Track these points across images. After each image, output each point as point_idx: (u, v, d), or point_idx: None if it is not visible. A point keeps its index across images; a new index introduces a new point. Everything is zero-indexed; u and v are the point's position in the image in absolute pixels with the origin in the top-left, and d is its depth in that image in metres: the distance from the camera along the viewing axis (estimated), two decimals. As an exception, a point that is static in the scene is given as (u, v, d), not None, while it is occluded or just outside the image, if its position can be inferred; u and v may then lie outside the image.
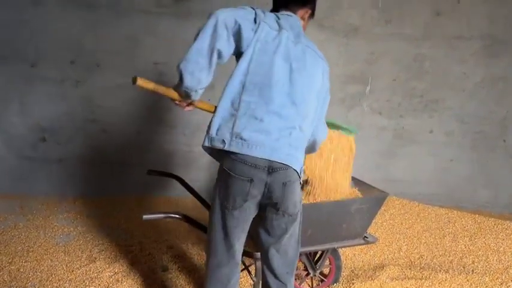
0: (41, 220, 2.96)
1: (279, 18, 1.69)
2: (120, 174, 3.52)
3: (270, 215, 1.65)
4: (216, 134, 1.60)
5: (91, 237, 2.77)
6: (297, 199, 1.66)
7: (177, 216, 1.99)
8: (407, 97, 3.78)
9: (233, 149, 1.57)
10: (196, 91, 1.62)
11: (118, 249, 2.63)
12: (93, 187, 3.47)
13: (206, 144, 1.62)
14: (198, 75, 1.56)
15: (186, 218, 2.02)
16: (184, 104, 1.70)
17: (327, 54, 3.55)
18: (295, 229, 1.71)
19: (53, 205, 3.22)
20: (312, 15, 1.89)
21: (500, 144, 3.94)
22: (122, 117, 3.44)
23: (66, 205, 3.25)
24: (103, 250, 2.62)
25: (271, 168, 1.58)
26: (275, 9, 1.83)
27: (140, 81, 1.57)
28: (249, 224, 1.69)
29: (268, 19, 1.64)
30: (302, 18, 1.83)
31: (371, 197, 2.08)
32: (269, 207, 1.64)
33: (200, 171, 3.58)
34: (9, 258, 2.43)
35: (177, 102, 1.69)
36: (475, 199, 3.99)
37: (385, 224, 3.21)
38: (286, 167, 1.59)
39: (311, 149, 1.90)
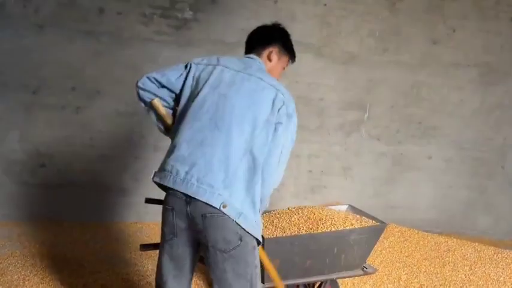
0: (38, 247, 2.94)
1: (218, 58, 1.75)
2: (117, 199, 3.51)
3: (204, 252, 1.57)
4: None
5: (88, 265, 2.74)
6: (228, 234, 1.51)
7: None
8: (405, 124, 3.81)
9: (155, 179, 1.60)
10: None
11: (115, 278, 2.61)
12: (91, 213, 3.45)
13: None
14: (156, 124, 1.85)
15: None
16: None
17: (325, 81, 3.65)
18: (241, 269, 1.55)
19: (51, 231, 3.20)
20: (285, 52, 1.84)
21: (499, 171, 3.95)
22: (120, 143, 3.45)
23: (64, 231, 3.23)
24: (99, 279, 2.59)
25: (188, 197, 1.52)
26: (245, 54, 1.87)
27: (155, 102, 1.75)
28: (187, 263, 1.62)
29: (206, 60, 1.74)
30: (268, 58, 1.80)
31: (369, 227, 2.07)
32: (201, 242, 1.56)
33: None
34: (5, 288, 2.42)
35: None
36: (474, 225, 3.98)
37: (384, 252, 3.18)
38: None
39: (263, 190, 1.64)
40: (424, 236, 3.56)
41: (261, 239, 1.62)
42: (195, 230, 1.54)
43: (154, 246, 2.17)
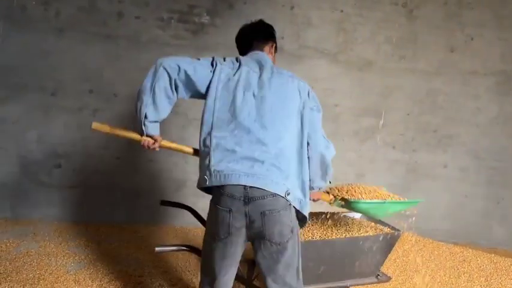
0: (53, 247, 2.97)
1: (237, 59, 1.87)
2: (131, 201, 3.54)
3: (258, 246, 1.68)
4: (201, 175, 1.71)
5: (101, 266, 2.76)
6: (284, 228, 1.65)
7: (189, 249, 1.99)
8: (420, 131, 3.78)
9: (214, 182, 1.65)
10: (144, 124, 1.76)
11: (128, 279, 2.62)
12: (105, 214, 3.49)
13: (197, 186, 1.74)
14: (143, 110, 1.73)
15: (196, 251, 2.02)
16: (147, 143, 1.84)
17: (341, 87, 3.64)
18: (291, 259, 1.69)
19: (66, 231, 3.24)
20: (276, 46, 2.06)
21: (515, 181, 3.89)
22: (136, 145, 3.46)
23: (79, 232, 3.26)
24: (113, 280, 2.61)
25: (247, 197, 1.61)
26: (243, 53, 2.02)
27: (95, 125, 1.77)
28: (238, 258, 1.72)
29: (227, 62, 1.83)
30: (269, 53, 1.99)
31: (384, 235, 2.05)
32: (256, 237, 1.67)
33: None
34: (21, 286, 2.44)
35: (142, 143, 1.84)
36: (490, 236, 3.91)
37: (398, 260, 3.15)
38: (263, 194, 1.61)
39: (322, 165, 1.91)
40: (439, 245, 3.51)
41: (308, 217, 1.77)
42: (251, 226, 1.64)
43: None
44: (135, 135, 1.82)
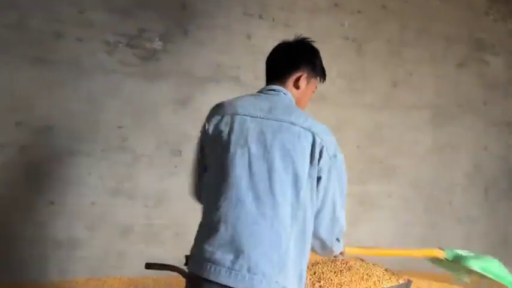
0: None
1: (234, 104, 1.49)
2: (68, 253, 3.00)
3: None
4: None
5: None
6: None
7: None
8: (368, 163, 3.85)
9: (190, 269, 1.38)
10: None
11: None
12: (36, 270, 2.90)
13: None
14: None
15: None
16: None
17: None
18: None
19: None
20: (315, 75, 1.62)
21: (447, 208, 4.16)
22: (74, 187, 2.98)
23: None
24: None
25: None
26: (267, 82, 1.66)
27: None
28: None
29: (219, 109, 1.49)
30: (295, 86, 1.57)
31: (398, 285, 1.98)
32: None
33: (162, 246, 3.20)
34: None
35: None
36: (426, 261, 4.10)
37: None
38: None
39: (323, 250, 1.54)
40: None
41: None
42: None
43: (159, 266, 1.94)
44: None
